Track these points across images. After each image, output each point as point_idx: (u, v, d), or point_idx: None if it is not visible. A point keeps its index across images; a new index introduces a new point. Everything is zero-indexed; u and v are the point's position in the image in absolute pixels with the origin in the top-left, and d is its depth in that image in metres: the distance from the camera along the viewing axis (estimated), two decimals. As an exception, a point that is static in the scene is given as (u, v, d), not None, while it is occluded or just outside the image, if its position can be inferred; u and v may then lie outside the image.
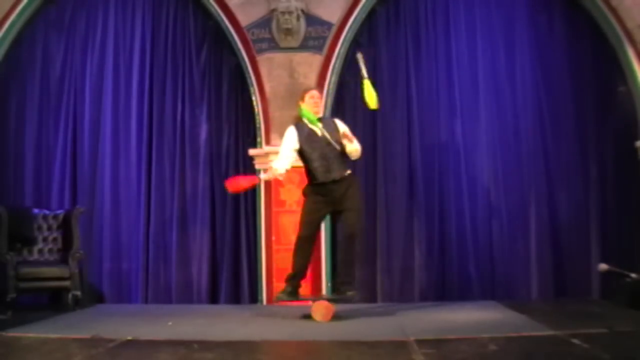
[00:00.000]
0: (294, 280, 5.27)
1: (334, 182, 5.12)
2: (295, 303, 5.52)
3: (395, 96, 6.73)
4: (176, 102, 6.89)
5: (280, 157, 5.26)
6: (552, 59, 6.69)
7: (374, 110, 5.59)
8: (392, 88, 6.74)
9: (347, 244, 5.21)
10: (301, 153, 5.23)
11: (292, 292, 5.27)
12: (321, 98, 5.39)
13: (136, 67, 6.92)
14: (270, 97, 6.64)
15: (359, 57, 5.40)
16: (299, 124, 5.27)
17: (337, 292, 5.25)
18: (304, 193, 5.32)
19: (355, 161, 5.42)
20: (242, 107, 6.86)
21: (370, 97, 5.30)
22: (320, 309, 5.04)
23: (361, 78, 5.35)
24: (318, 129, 5.18)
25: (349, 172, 5.25)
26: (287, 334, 4.66)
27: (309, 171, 5.23)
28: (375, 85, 5.40)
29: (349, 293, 5.18)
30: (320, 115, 5.31)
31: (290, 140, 5.23)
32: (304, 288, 5.47)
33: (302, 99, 5.29)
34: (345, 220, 5.18)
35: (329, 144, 5.14)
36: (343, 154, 5.22)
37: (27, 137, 6.90)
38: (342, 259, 5.25)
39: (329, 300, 5.23)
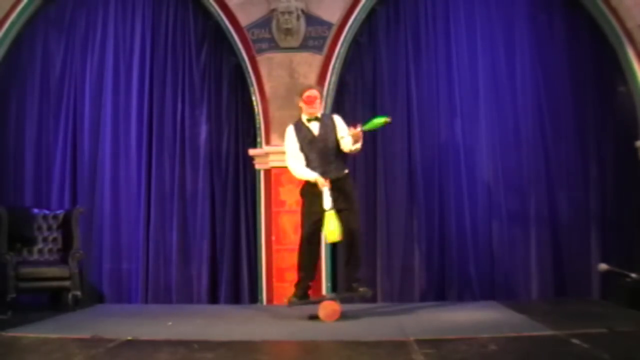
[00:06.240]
0: (304, 282, 5.27)
1: (331, 181, 5.09)
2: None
3: (395, 96, 6.72)
4: (176, 102, 6.89)
5: (294, 159, 5.24)
6: (552, 58, 6.69)
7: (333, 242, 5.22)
8: (392, 88, 6.74)
9: (351, 242, 5.21)
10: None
11: (303, 296, 5.27)
12: (319, 97, 5.33)
13: (136, 67, 6.92)
14: (270, 97, 6.64)
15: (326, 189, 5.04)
16: (297, 123, 5.31)
17: (350, 290, 5.24)
18: (302, 193, 5.32)
19: (355, 161, 5.40)
20: (242, 107, 6.86)
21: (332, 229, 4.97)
22: (328, 310, 5.04)
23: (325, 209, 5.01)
24: (315, 128, 5.20)
25: (346, 171, 5.26)
26: (287, 334, 4.66)
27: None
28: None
29: (362, 289, 5.23)
30: (318, 113, 5.30)
31: (293, 140, 5.26)
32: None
33: (301, 96, 5.31)
34: (344, 220, 5.16)
35: (325, 143, 5.16)
36: (341, 152, 5.23)
37: (27, 137, 6.90)
38: (350, 257, 5.26)
39: (338, 300, 5.22)
